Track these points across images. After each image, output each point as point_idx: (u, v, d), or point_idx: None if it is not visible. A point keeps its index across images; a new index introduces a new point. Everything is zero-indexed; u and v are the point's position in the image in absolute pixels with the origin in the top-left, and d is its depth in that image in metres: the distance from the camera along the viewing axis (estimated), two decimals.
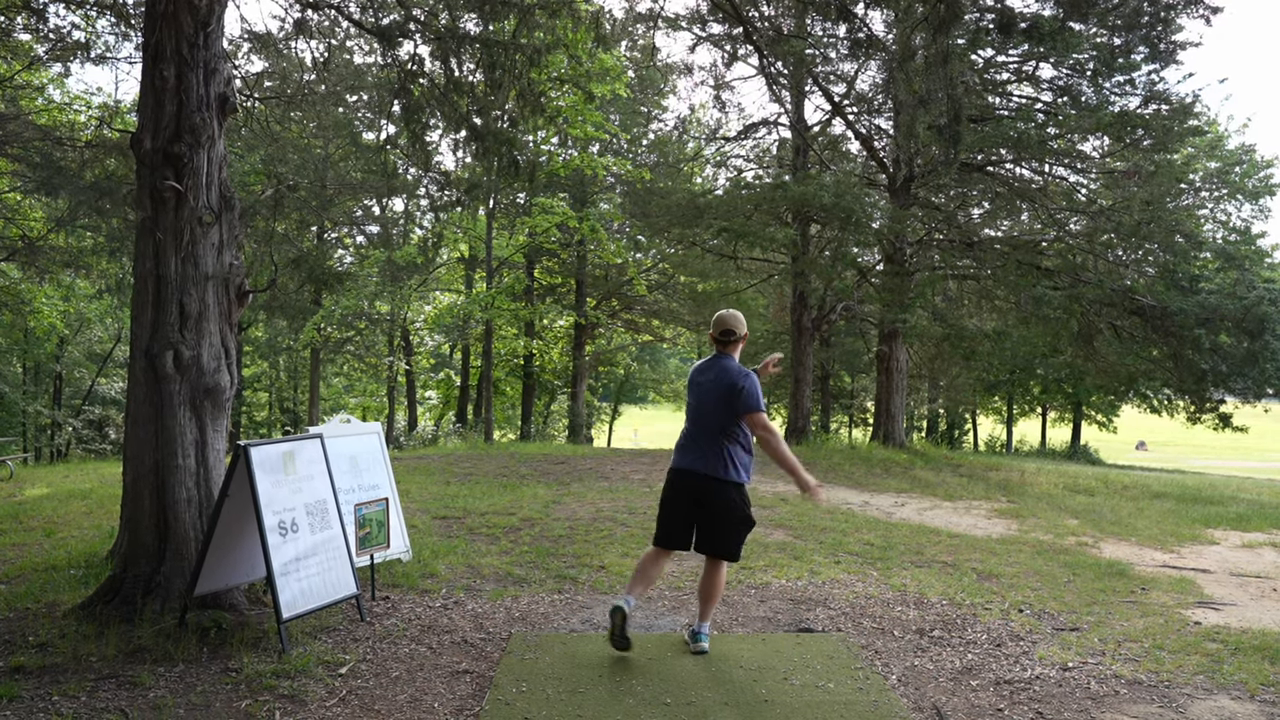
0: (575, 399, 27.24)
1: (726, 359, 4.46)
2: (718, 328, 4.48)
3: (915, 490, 11.34)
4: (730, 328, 4.46)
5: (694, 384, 4.49)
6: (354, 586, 4.84)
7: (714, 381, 4.38)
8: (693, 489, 4.36)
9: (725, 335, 4.47)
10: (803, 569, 6.28)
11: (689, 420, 4.49)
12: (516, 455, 14.09)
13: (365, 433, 6.14)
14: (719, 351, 4.50)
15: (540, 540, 7.05)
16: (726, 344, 4.48)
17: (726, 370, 4.39)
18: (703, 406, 4.41)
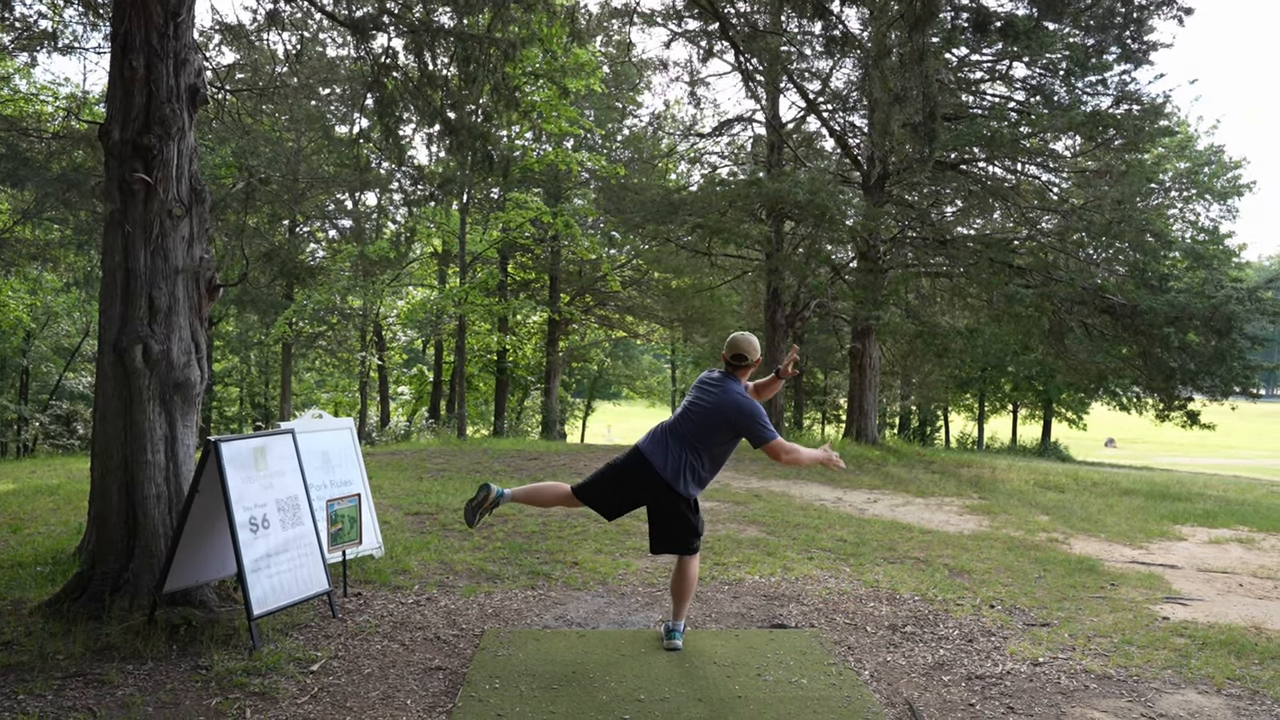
0: (549, 395, 27.19)
1: (736, 382, 4.38)
2: (730, 350, 4.41)
3: (888, 487, 11.44)
4: (743, 352, 4.39)
5: (699, 388, 4.41)
6: (326, 583, 4.81)
7: (716, 401, 4.28)
8: (647, 479, 4.32)
9: (736, 359, 4.40)
10: (776, 565, 6.32)
11: (675, 418, 4.42)
12: (490, 451, 14.04)
13: (337, 428, 6.10)
14: (729, 373, 4.41)
15: (513, 536, 7.04)
16: (737, 368, 4.41)
17: (732, 395, 4.29)
18: (693, 414, 4.33)
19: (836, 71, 17.24)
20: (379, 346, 27.73)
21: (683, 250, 19.76)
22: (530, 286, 27.68)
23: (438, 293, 24.20)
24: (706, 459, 4.33)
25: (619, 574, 5.98)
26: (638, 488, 4.38)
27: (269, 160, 18.22)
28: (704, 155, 22.02)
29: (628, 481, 4.39)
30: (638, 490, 4.38)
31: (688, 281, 23.63)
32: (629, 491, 4.42)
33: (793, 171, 16.78)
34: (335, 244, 24.47)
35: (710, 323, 25.37)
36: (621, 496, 4.44)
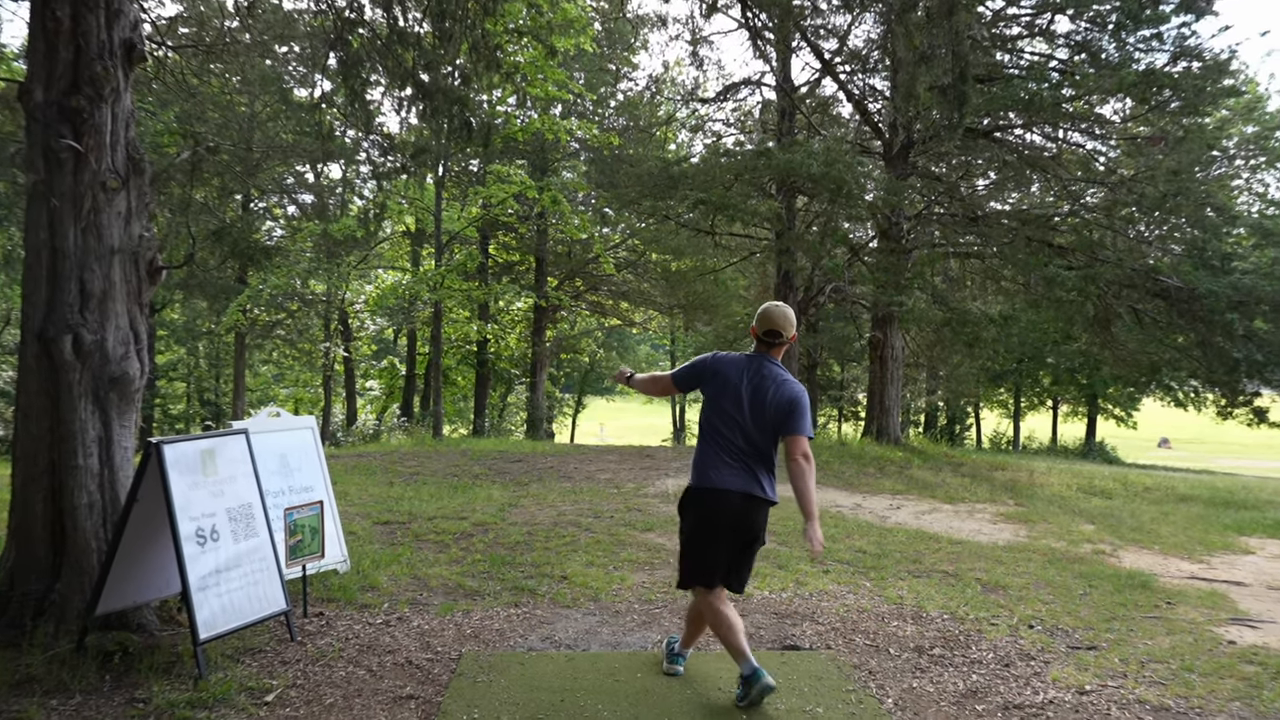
0: (534, 390, 27.13)
1: (776, 364, 4.18)
2: (763, 325, 4.17)
3: (912, 492, 11.42)
4: (778, 327, 4.15)
5: (732, 383, 4.13)
6: (283, 602, 4.77)
7: (775, 391, 4.08)
8: (734, 513, 4.06)
9: (770, 335, 4.17)
10: (788, 579, 6.28)
11: (725, 427, 4.11)
12: (469, 453, 14.00)
13: (297, 428, 6.08)
14: (762, 353, 4.20)
15: (495, 548, 7.01)
16: (772, 345, 4.19)
17: (788, 381, 4.11)
18: (755, 414, 4.08)
19: (855, 28, 17.18)
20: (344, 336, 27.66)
21: (683, 229, 19.69)
22: (514, 269, 27.61)
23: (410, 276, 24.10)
24: (774, 454, 4.20)
25: (613, 589, 5.95)
26: (730, 528, 4.12)
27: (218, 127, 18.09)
28: (707, 123, 21.94)
29: (721, 528, 4.11)
30: (730, 531, 4.13)
31: (689, 264, 23.56)
32: (744, 540, 4.17)
33: (806, 141, 16.70)
34: (295, 221, 24.37)
35: (714, 309, 25.33)
36: (738, 553, 4.18)
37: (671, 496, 9.98)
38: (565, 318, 31.75)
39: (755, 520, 4.13)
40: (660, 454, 14.94)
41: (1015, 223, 15.66)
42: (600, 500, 9.56)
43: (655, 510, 8.99)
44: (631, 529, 7.92)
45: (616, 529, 7.87)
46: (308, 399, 32.97)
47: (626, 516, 8.55)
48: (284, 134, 21.14)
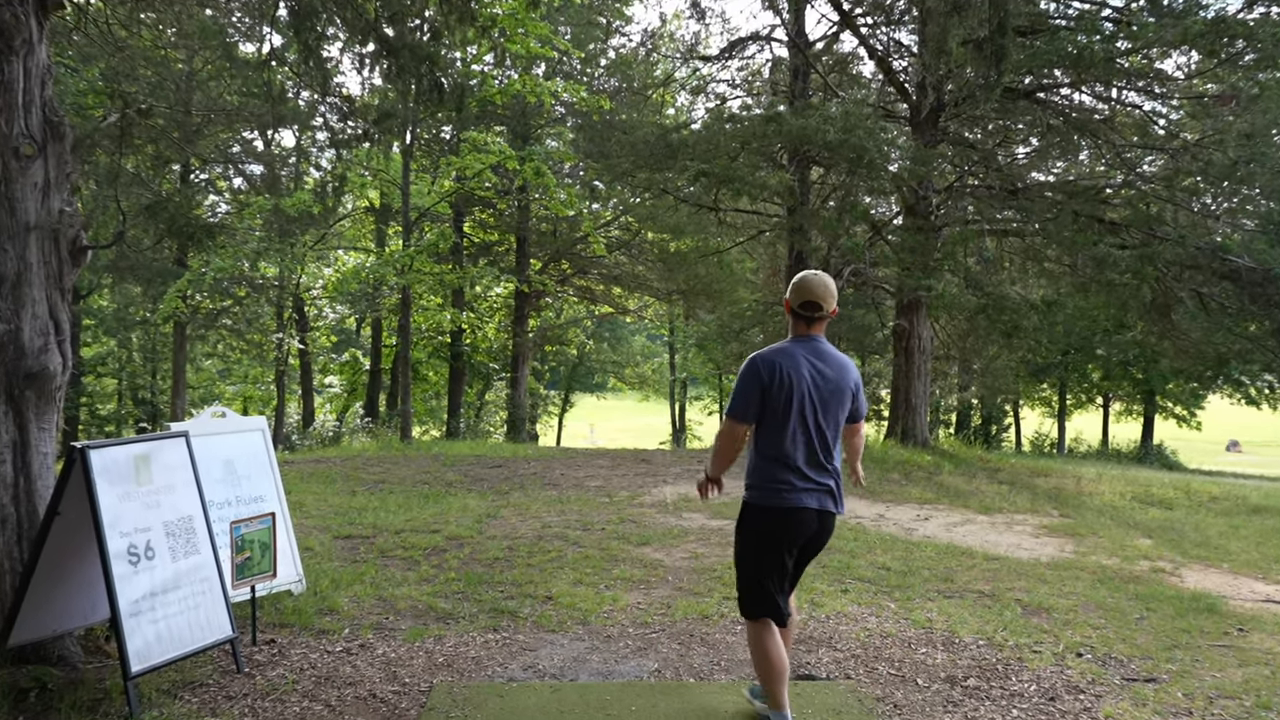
0: (516, 386, 27.10)
1: (826, 342, 4.04)
2: (800, 296, 4.02)
3: (942, 501, 11.41)
4: (818, 298, 4.00)
5: (793, 382, 3.93)
6: (229, 628, 4.74)
7: (840, 375, 3.97)
8: (810, 535, 3.98)
9: (810, 308, 4.02)
10: (801, 600, 6.27)
11: (795, 434, 3.95)
12: (441, 457, 13.97)
13: (246, 429, 6.07)
14: (808, 333, 4.05)
15: (471, 564, 6.99)
16: (813, 321, 4.03)
17: (847, 364, 4.02)
18: (825, 410, 3.96)
19: None
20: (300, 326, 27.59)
21: (683, 204, 19.64)
22: (492, 250, 27.55)
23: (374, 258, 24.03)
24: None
25: (604, 611, 5.93)
26: (822, 545, 4.13)
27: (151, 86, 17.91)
28: (710, 84, 21.89)
29: (811, 551, 4.11)
30: (820, 547, 4.15)
31: (689, 244, 23.51)
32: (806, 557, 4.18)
33: (822, 104, 16.65)
34: (242, 195, 24.24)
35: (717, 295, 25.30)
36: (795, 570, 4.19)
37: (670, 506, 9.96)
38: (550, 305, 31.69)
39: (827, 538, 4.12)
40: (658, 458, 14.92)
41: (1061, 195, 15.62)
42: (590, 511, 9.53)
43: (652, 522, 8.97)
44: (625, 543, 7.90)
45: (608, 543, 7.85)
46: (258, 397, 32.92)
47: (620, 529, 8.53)
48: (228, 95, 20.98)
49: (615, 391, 48.66)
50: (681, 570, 7.04)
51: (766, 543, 3.99)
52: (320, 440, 24.02)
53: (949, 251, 15.79)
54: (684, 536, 8.29)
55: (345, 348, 33.16)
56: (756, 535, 4.00)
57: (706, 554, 7.60)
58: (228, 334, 27.14)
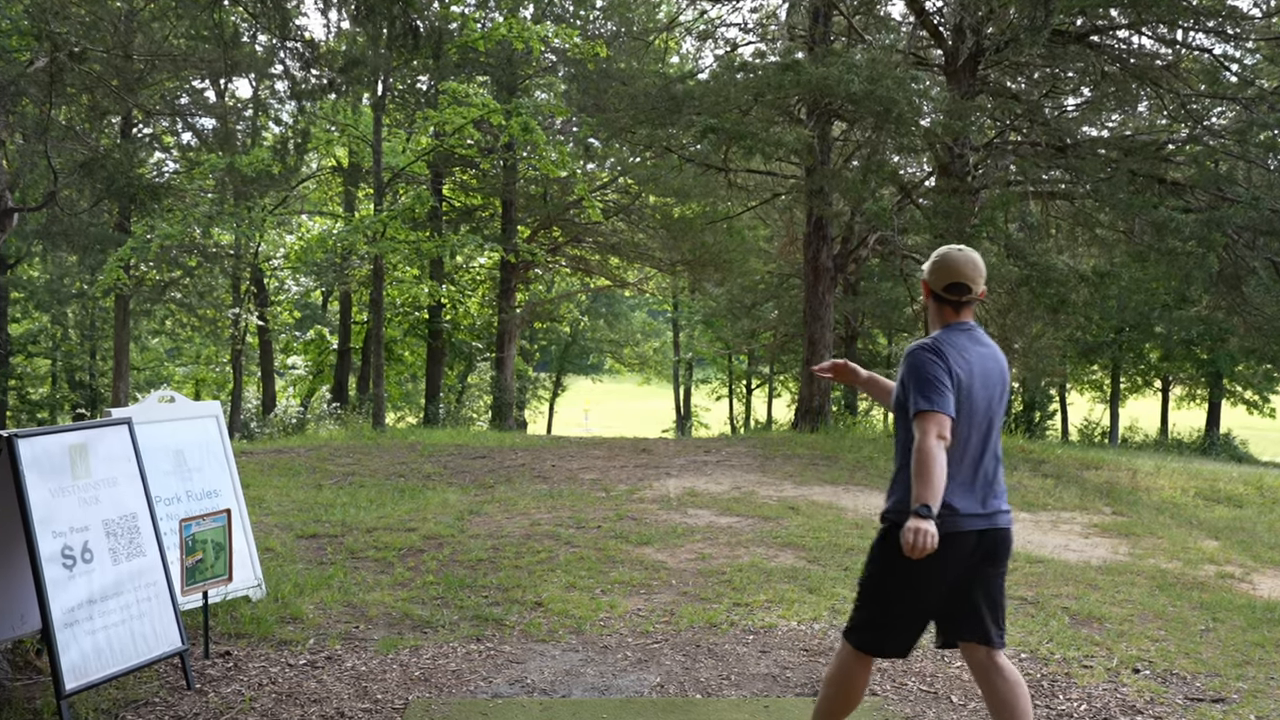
0: (501, 368, 27.09)
1: (983, 332, 3.87)
2: (945, 277, 3.83)
3: None
4: (967, 278, 3.81)
5: (966, 377, 3.71)
6: (178, 639, 4.73)
7: (1002, 373, 3.81)
8: (987, 554, 3.74)
9: (957, 290, 3.83)
10: (820, 606, 6.27)
11: (973, 438, 3.75)
12: (419, 447, 13.96)
13: (197, 416, 6.06)
14: (959, 319, 3.86)
15: (451, 566, 7.00)
16: (961, 305, 3.85)
17: (1001, 354, 3.85)
18: (997, 415, 3.79)
19: None
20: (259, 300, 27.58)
21: (689, 164, 19.58)
22: (475, 216, 27.49)
23: (343, 224, 24.00)
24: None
25: (600, 618, 5.93)
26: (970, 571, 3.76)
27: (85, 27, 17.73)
28: (719, 28, 21.78)
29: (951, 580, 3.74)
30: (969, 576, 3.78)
31: (695, 209, 23.46)
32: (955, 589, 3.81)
33: (845, 50, 16.57)
34: (191, 153, 24.17)
35: (727, 266, 25.26)
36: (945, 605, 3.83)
37: (674, 502, 9.96)
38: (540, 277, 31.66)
39: (1007, 549, 3.83)
40: (660, 448, 14.90)
41: (1116, 153, 15.55)
42: (584, 506, 9.52)
43: (654, 519, 8.96)
44: (624, 542, 7.89)
45: (605, 542, 7.84)
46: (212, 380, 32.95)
47: (618, 527, 8.52)
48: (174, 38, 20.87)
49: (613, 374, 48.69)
50: (687, 573, 7.03)
51: (921, 574, 3.68)
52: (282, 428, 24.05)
53: (988, 217, 15.72)
54: (689, 535, 8.29)
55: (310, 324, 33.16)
56: (909, 564, 3.65)
57: (714, 555, 7.59)
58: (177, 309, 27.10)
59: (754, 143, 15.98)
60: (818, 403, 18.19)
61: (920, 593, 3.71)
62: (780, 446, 14.79)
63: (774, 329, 31.75)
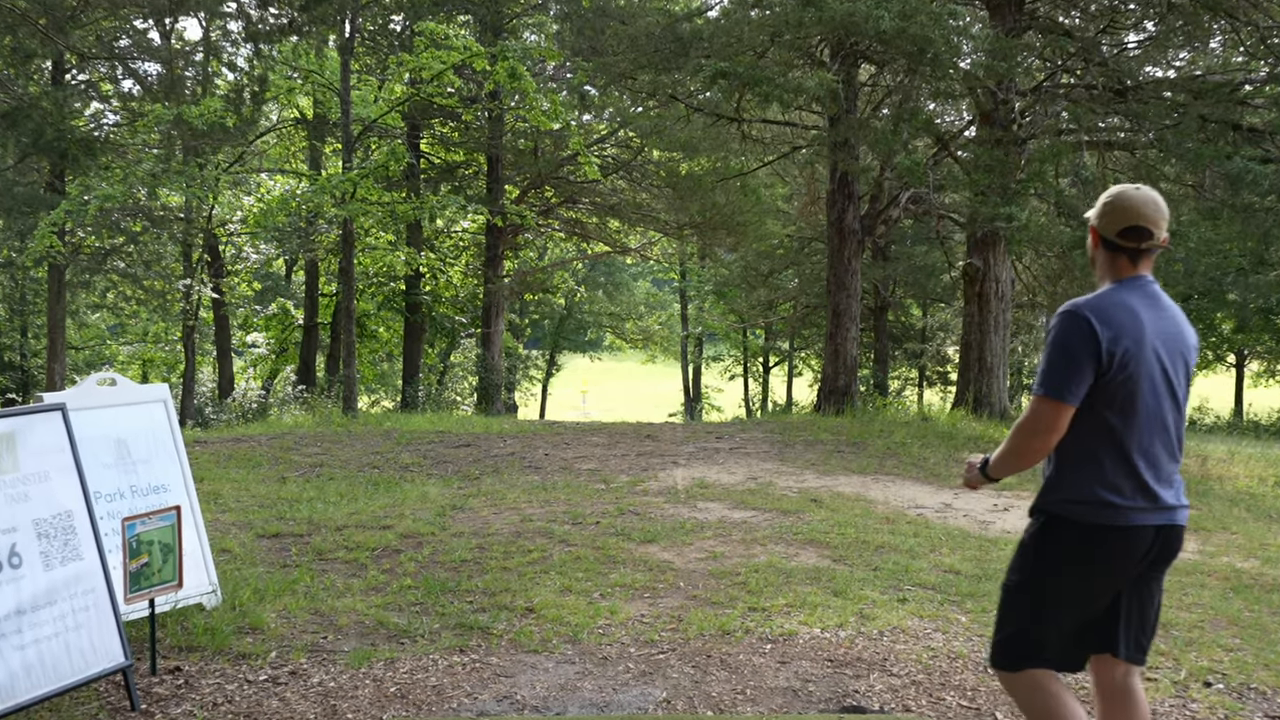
0: (488, 345, 27.07)
1: (1158, 290, 3.67)
2: (1121, 220, 3.61)
3: (1026, 486, 11.39)
4: (1148, 221, 3.57)
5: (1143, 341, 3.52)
6: (121, 654, 4.71)
7: (1184, 337, 3.62)
8: (1160, 553, 3.61)
9: (1136, 236, 3.59)
10: (848, 611, 6.26)
11: (1149, 419, 3.56)
12: (395, 434, 13.98)
13: (143, 401, 6.03)
14: (1135, 272, 3.63)
15: (431, 568, 7.01)
16: (1139, 254, 3.61)
17: (1183, 315, 3.64)
18: (1179, 389, 3.61)
19: None
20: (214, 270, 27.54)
21: (697, 115, 19.50)
22: (457, 174, 27.44)
23: (307, 184, 23.93)
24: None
25: (598, 626, 5.93)
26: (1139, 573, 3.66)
27: None
28: None
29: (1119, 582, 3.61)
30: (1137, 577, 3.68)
31: (705, 165, 23.38)
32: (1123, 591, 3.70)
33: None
34: (134, 102, 24.05)
35: (741, 229, 25.21)
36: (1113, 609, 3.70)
37: (682, 495, 9.95)
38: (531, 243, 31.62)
39: (1174, 557, 3.72)
40: (666, 434, 14.91)
41: (1184, 95, 15.43)
42: (581, 500, 9.53)
43: (659, 514, 8.96)
44: (625, 540, 7.90)
45: (604, 540, 7.85)
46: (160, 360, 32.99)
47: (619, 523, 8.52)
48: None
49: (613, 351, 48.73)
50: (696, 574, 7.03)
51: (1085, 576, 3.56)
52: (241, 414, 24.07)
53: (1036, 171, 15.67)
54: (699, 532, 8.28)
55: (272, 297, 33.15)
56: (1073, 565, 3.55)
57: (727, 554, 7.58)
58: (119, 280, 27.01)
59: (770, 89, 15.88)
60: (843, 382, 18.18)
61: (1085, 594, 3.58)
62: (801, 431, 14.79)
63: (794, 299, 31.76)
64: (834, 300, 18.21)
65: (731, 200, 24.10)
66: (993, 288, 17.18)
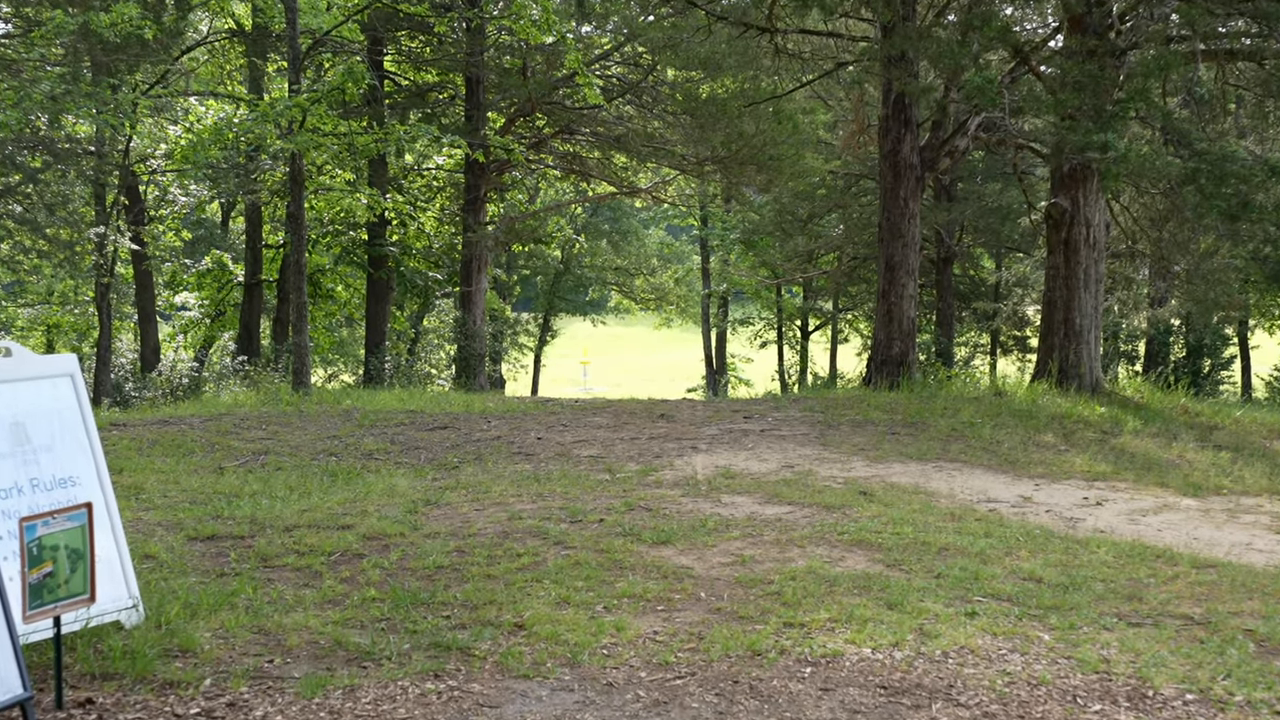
0: (469, 307, 27.07)
1: None
2: None
3: (1122, 476, 11.37)
4: None
5: None
6: (18, 684, 4.71)
7: None
8: None
9: None
10: (904, 627, 6.26)
11: None
12: (356, 415, 13.99)
13: (47, 375, 6.02)
14: None
15: (400, 576, 7.01)
16: None
17: None
18: None
19: None
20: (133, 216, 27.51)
21: (721, 24, 19.43)
22: (429, 99, 27.35)
23: (246, 111, 23.89)
24: None
25: (602, 645, 5.92)
26: None
27: None
28: None
29: None
30: None
31: (731, 86, 23.30)
32: None
33: None
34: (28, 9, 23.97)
35: (773, 165, 25.11)
36: None
37: (704, 486, 9.94)
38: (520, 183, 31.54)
39: None
40: (684, 413, 14.91)
41: None
42: (582, 493, 9.53)
43: (676, 509, 8.96)
44: (635, 541, 7.91)
45: (609, 541, 7.85)
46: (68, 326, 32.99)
47: (626, 521, 8.52)
48: None
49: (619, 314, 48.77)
50: (720, 582, 7.02)
51: None
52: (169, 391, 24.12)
53: (1138, 88, 15.56)
54: (724, 531, 8.28)
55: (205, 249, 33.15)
56: None
57: (759, 557, 7.58)
58: (16, 228, 26.94)
59: None
60: (899, 349, 18.15)
61: None
62: (847, 409, 14.78)
63: (838, 250, 31.71)
64: (887, 250, 18.14)
65: (762, 129, 23.99)
66: (1082, 233, 17.11)
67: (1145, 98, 15.60)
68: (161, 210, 30.16)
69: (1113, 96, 15.46)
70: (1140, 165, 15.84)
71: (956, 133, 18.60)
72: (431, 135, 22.63)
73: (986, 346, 36.18)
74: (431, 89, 27.51)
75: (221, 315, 33.21)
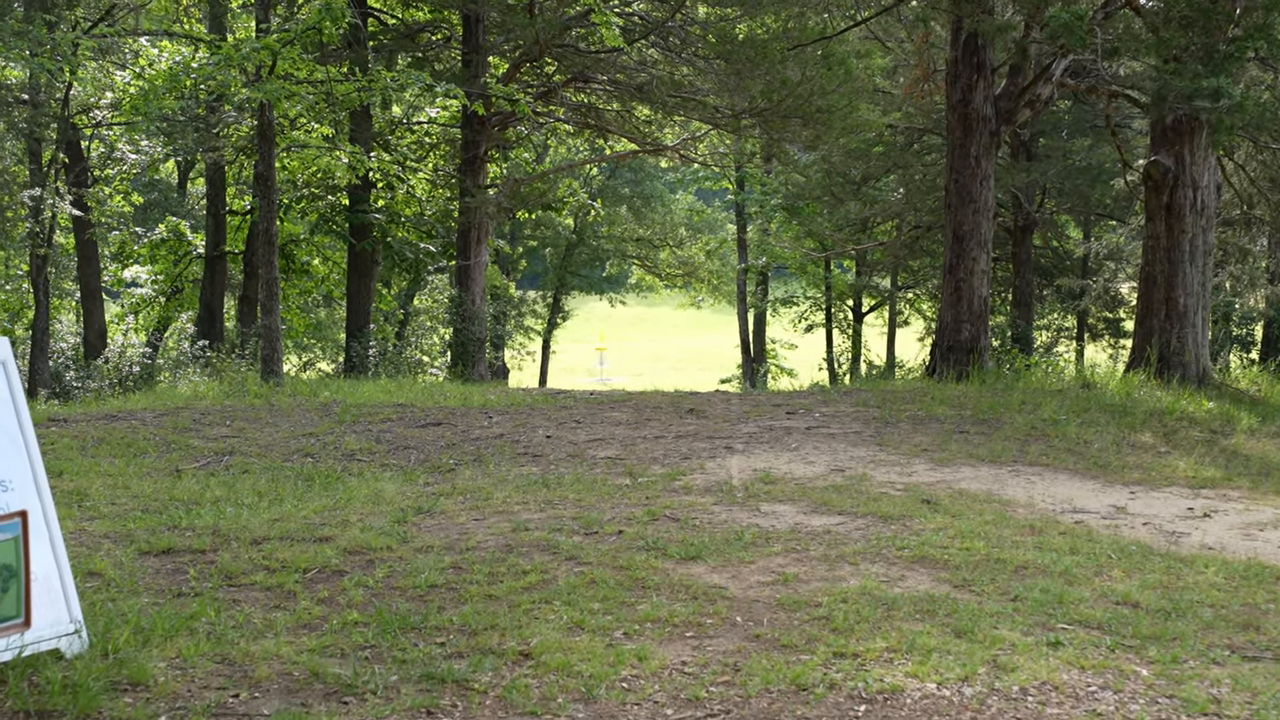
0: (467, 284, 27.13)
1: None
2: None
3: (1235, 482, 11.35)
4: None
5: None
6: None
7: None
8: None
9: None
10: (976, 658, 6.25)
11: None
12: (336, 408, 14.04)
13: None
14: None
15: (387, 597, 7.05)
16: None
17: None
18: None
19: None
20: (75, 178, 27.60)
21: None
22: (419, 41, 27.38)
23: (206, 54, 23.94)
24: None
25: (621, 678, 5.93)
26: None
27: None
28: None
29: None
30: None
31: (773, 26, 23.28)
32: None
33: None
34: None
35: (823, 118, 25.05)
36: None
37: (740, 493, 9.94)
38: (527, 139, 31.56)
39: None
40: (717, 408, 14.91)
41: None
42: (598, 501, 9.56)
43: (707, 520, 8.96)
44: (659, 557, 7.92)
45: (629, 557, 7.87)
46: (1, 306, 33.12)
47: (649, 533, 8.54)
48: None
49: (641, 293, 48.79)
50: (759, 605, 7.03)
51: None
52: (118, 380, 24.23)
53: (1257, 23, 15.48)
54: (763, 545, 8.29)
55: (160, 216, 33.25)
56: None
57: (804, 576, 7.58)
58: None
59: None
60: (968, 334, 18.14)
61: None
62: (908, 404, 14.78)
63: (897, 217, 31.66)
64: (955, 218, 18.13)
65: (809, 76, 23.94)
66: (1188, 197, 17.07)
67: (1266, 34, 15.50)
68: (108, 170, 30.28)
69: (1227, 34, 15.39)
70: (1259, 116, 15.79)
71: (1039, 79, 18.53)
72: (423, 83, 22.65)
73: (1072, 330, 36.12)
74: (423, 29, 27.55)
75: (179, 293, 33.34)
